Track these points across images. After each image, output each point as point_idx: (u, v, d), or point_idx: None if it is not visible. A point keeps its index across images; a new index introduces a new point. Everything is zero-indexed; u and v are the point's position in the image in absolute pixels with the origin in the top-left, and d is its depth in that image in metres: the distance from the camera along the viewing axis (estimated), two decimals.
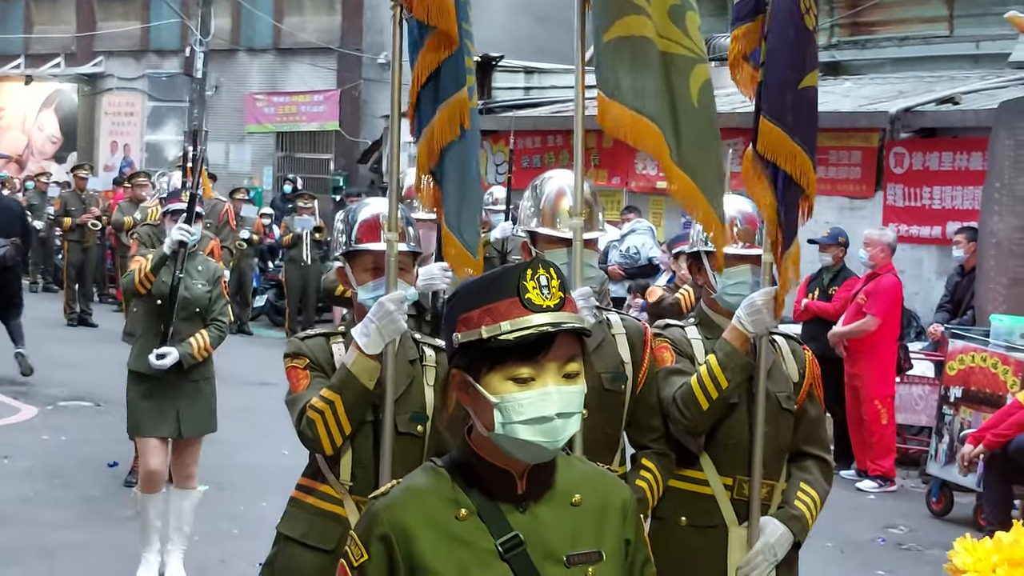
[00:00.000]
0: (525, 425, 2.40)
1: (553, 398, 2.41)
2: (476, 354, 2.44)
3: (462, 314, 2.47)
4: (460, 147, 4.09)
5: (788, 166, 4.16)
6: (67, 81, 30.42)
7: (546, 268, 2.46)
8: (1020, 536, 2.36)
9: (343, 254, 4.16)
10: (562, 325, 2.41)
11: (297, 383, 4.01)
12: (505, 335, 2.40)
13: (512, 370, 2.41)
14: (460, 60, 4.05)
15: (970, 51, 15.80)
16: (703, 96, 4.12)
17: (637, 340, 4.21)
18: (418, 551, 2.44)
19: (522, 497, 2.49)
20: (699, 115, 4.12)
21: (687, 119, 4.10)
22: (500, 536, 2.44)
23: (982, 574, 2.35)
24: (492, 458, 2.48)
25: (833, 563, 8.28)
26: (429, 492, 2.49)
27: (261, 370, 12.76)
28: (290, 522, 4.10)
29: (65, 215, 18.93)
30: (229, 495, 9.20)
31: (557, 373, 2.43)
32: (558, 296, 2.45)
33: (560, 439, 2.44)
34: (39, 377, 13.23)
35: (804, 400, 4.31)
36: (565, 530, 2.49)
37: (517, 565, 2.44)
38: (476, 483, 2.49)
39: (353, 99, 24.61)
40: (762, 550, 4.11)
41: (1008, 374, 9.50)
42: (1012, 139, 11.70)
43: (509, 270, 2.47)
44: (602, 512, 2.55)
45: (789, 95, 4.15)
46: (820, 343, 10.26)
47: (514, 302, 2.42)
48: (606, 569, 2.50)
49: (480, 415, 2.46)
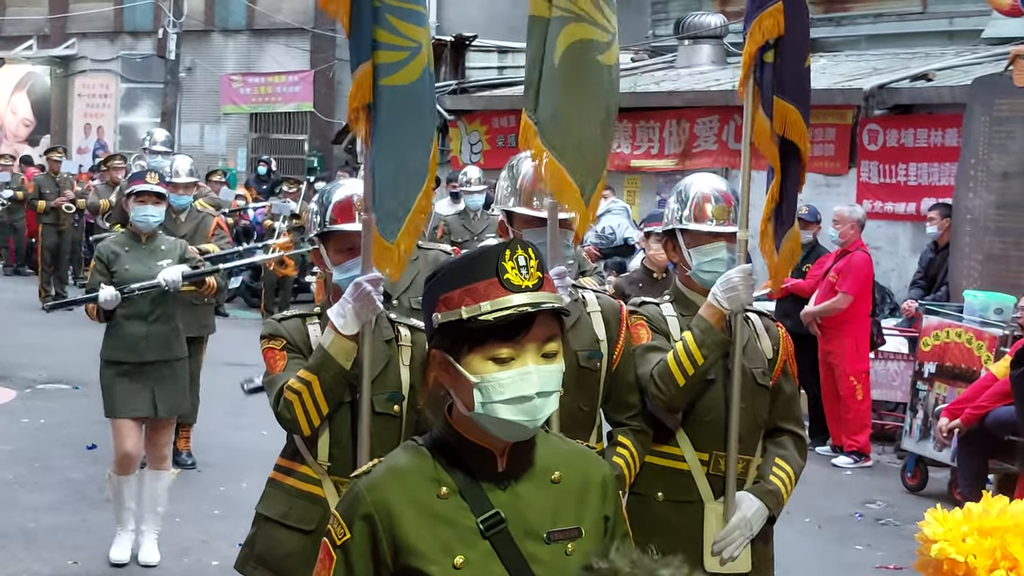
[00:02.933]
0: (505, 404, 2.42)
1: (533, 378, 2.43)
2: (456, 334, 2.45)
3: (442, 294, 2.48)
4: (395, 127, 4.04)
5: (790, 132, 4.25)
6: (40, 63, 30.24)
7: (524, 248, 2.48)
8: (990, 506, 2.39)
9: (317, 235, 4.18)
10: (541, 305, 2.43)
11: (274, 364, 4.02)
12: (485, 315, 2.41)
13: (492, 350, 2.43)
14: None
15: (944, 28, 15.84)
16: (572, 55, 4.12)
17: (612, 318, 4.23)
18: (401, 529, 2.45)
19: (503, 475, 2.51)
20: (558, 75, 4.12)
21: (548, 83, 4.12)
22: (481, 514, 2.46)
23: (952, 544, 2.38)
24: (473, 437, 2.50)
25: (811, 538, 8.35)
26: (411, 471, 2.51)
27: (238, 351, 12.71)
28: (269, 503, 4.12)
29: (39, 198, 18.86)
30: (209, 476, 9.22)
31: (536, 352, 2.45)
32: (537, 276, 2.46)
33: (540, 417, 2.46)
34: (17, 361, 13.20)
35: (779, 376, 4.34)
36: (546, 507, 2.51)
37: (499, 542, 2.46)
38: (457, 462, 2.50)
39: (327, 79, 24.54)
40: (738, 524, 4.15)
41: (982, 349, 9.57)
42: (987, 115, 11.77)
43: (488, 250, 2.48)
44: (582, 489, 2.57)
45: (800, 75, 4.27)
46: (794, 320, 10.31)
47: (493, 283, 2.43)
48: (586, 545, 2.52)
49: (460, 394, 2.48)
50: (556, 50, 4.11)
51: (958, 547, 2.38)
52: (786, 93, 4.24)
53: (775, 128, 4.25)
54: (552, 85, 4.13)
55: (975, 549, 2.38)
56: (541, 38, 4.15)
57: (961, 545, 2.39)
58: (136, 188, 7.33)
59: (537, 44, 4.17)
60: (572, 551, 2.50)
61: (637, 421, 4.23)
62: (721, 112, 15.01)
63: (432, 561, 2.43)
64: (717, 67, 16.95)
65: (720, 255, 4.28)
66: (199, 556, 7.45)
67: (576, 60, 4.13)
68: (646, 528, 4.22)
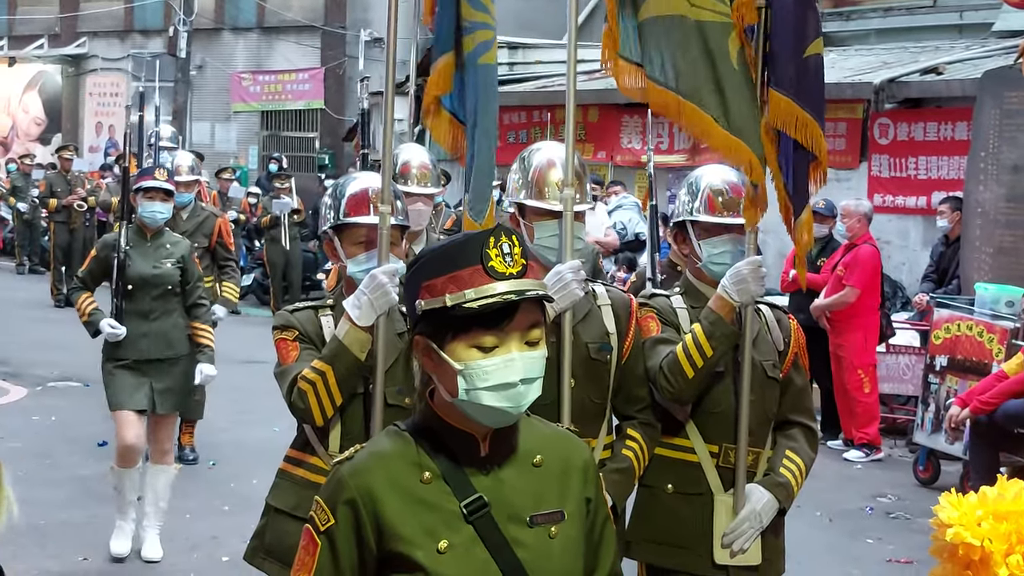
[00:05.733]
0: (489, 391, 2.42)
1: (517, 364, 2.43)
2: (440, 321, 2.45)
3: (425, 281, 2.48)
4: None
5: (799, 135, 4.18)
6: (51, 62, 30.32)
7: (508, 236, 2.47)
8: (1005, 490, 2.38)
9: (332, 227, 4.18)
10: (526, 293, 2.43)
11: (286, 355, 4.03)
12: (469, 303, 2.41)
13: (476, 338, 2.43)
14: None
15: (954, 21, 15.81)
16: (741, 57, 4.17)
17: (622, 311, 4.22)
18: (384, 514, 2.45)
19: (485, 459, 2.51)
20: (739, 75, 4.15)
21: (730, 82, 4.14)
22: (464, 498, 2.46)
23: (968, 528, 2.36)
24: (455, 421, 2.50)
25: (823, 531, 8.34)
26: (394, 456, 2.51)
27: (250, 348, 12.77)
28: (279, 494, 4.13)
29: (51, 196, 18.90)
30: (219, 472, 9.24)
31: (520, 340, 2.45)
32: (520, 263, 2.46)
33: (524, 404, 2.46)
34: (28, 358, 13.23)
35: (789, 368, 4.33)
36: (528, 491, 2.52)
37: (482, 526, 2.46)
38: (440, 446, 2.51)
39: (338, 77, 24.54)
40: (748, 517, 4.14)
41: (993, 342, 9.55)
42: (997, 108, 11.73)
43: (472, 237, 2.48)
44: (564, 472, 2.58)
45: (795, 64, 4.18)
46: (807, 314, 10.30)
47: (477, 270, 2.43)
48: (568, 528, 2.53)
49: (443, 381, 2.48)
50: (730, 54, 4.13)
51: (973, 531, 2.37)
52: (779, 83, 4.18)
53: (770, 121, 4.21)
54: (739, 89, 4.15)
55: (991, 533, 2.36)
56: (699, 40, 4.15)
57: (976, 530, 2.37)
58: (145, 184, 7.33)
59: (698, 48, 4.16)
60: (555, 534, 2.51)
61: (646, 414, 4.22)
62: None
63: (417, 546, 2.44)
64: None
65: (730, 247, 4.27)
66: (209, 551, 7.46)
67: (745, 61, 4.17)
68: (655, 520, 4.23)
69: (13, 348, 13.98)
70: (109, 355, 7.32)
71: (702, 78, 4.15)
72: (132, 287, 7.28)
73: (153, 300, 7.30)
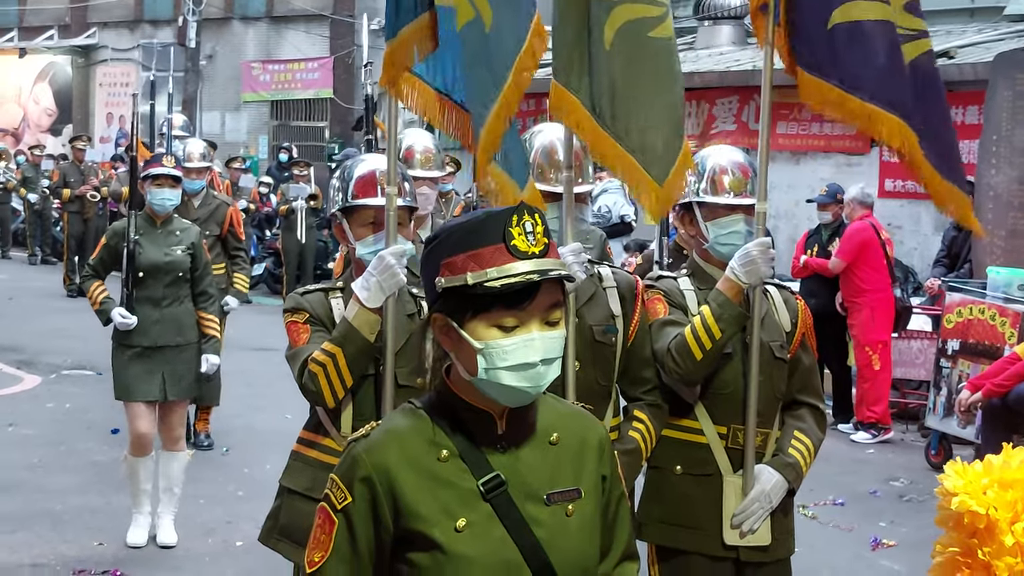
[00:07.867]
0: (509, 371, 2.41)
1: (536, 344, 2.41)
2: (460, 299, 2.43)
3: (445, 258, 2.45)
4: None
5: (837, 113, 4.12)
6: (61, 53, 30.34)
7: (531, 214, 2.44)
8: (1010, 458, 2.38)
9: (340, 210, 4.20)
10: (548, 273, 2.40)
11: (297, 337, 4.05)
12: (491, 282, 2.38)
13: (497, 317, 2.41)
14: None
15: (965, 5, 15.75)
16: (625, 37, 4.02)
17: (627, 293, 4.23)
18: (401, 492, 2.44)
19: (502, 438, 2.50)
20: (613, 59, 4.03)
21: (599, 68, 4.04)
22: (481, 476, 2.46)
23: (973, 496, 2.36)
24: (472, 399, 2.49)
25: (836, 515, 8.34)
26: (410, 434, 2.49)
27: (261, 336, 12.82)
28: (293, 475, 4.16)
29: (64, 186, 18.95)
30: (233, 458, 9.28)
31: (541, 320, 2.43)
32: (543, 242, 2.43)
33: (543, 384, 2.45)
34: (42, 347, 13.28)
35: (797, 349, 4.32)
36: (544, 469, 2.51)
37: (499, 504, 2.45)
38: (456, 424, 2.49)
39: (347, 66, 24.53)
40: (757, 497, 4.14)
41: (1006, 325, 9.53)
42: (1010, 91, 11.69)
43: (493, 215, 2.44)
44: (579, 450, 2.57)
45: (821, 38, 4.06)
46: (819, 299, 10.33)
47: (500, 248, 2.40)
48: (584, 506, 2.53)
49: (462, 359, 2.46)
50: (604, 34, 4.02)
51: (979, 499, 2.37)
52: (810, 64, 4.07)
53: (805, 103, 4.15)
54: (605, 71, 4.04)
55: (996, 501, 2.36)
56: (581, 20, 4.05)
57: (982, 498, 2.37)
58: (153, 171, 7.35)
59: (576, 26, 4.05)
60: (572, 512, 2.51)
61: (653, 396, 4.23)
62: (740, 93, 14.96)
63: (434, 524, 2.43)
64: (737, 48, 16.89)
65: (738, 228, 4.25)
66: (224, 536, 7.49)
67: (630, 42, 4.03)
68: (665, 501, 4.24)
69: (27, 337, 14.06)
70: (120, 341, 7.35)
71: (577, 68, 4.04)
72: (143, 274, 7.30)
73: (165, 287, 7.33)
